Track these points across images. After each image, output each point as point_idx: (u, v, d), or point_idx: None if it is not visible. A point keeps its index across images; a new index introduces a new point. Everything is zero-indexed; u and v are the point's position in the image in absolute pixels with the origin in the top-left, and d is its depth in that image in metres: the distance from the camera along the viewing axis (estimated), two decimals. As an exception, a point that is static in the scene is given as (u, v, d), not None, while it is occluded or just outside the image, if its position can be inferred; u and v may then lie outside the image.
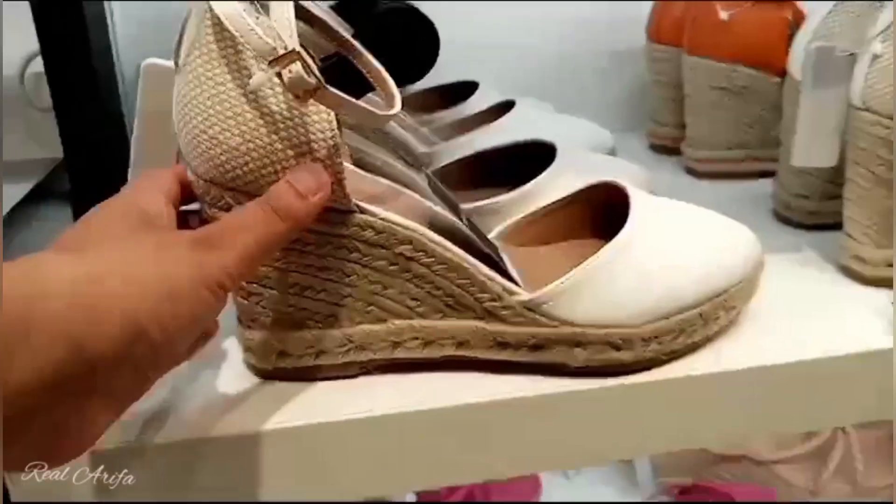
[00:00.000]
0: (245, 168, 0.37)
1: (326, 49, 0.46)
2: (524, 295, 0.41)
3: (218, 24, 0.36)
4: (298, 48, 0.33)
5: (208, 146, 0.38)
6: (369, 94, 0.43)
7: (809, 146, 0.55)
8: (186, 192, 0.40)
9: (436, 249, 0.40)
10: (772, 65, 0.71)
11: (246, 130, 0.36)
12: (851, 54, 0.51)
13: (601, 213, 0.49)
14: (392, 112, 0.38)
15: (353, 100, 0.35)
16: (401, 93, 0.46)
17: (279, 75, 0.34)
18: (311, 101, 0.36)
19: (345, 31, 0.43)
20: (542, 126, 0.69)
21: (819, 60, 0.52)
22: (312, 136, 0.37)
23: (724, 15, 0.72)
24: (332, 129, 0.37)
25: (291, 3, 0.35)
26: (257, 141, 0.37)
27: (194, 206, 0.40)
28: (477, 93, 0.77)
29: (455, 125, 0.74)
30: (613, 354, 0.41)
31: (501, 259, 0.43)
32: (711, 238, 0.45)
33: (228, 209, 0.38)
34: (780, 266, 0.52)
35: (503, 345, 0.42)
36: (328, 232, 0.40)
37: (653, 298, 0.41)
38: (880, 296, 0.50)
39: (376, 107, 0.38)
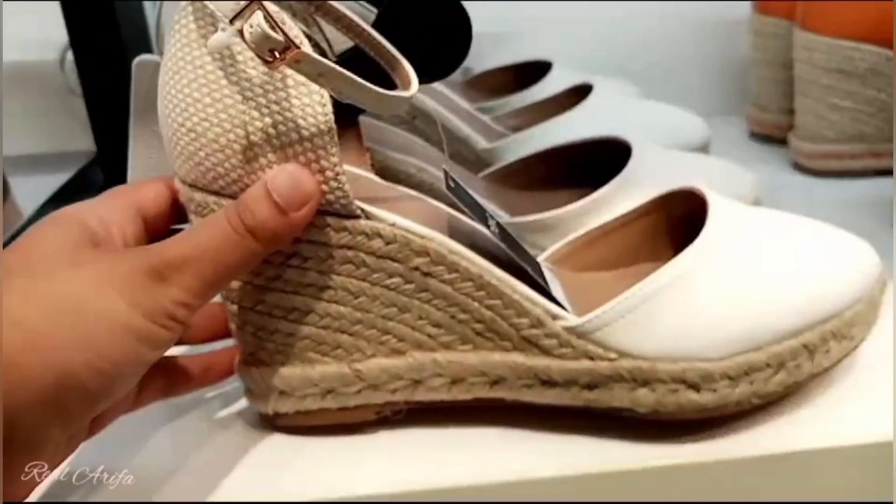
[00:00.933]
0: (227, 165, 0.31)
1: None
2: (572, 319, 0.32)
3: (195, -3, 0.30)
4: None
5: (187, 141, 0.31)
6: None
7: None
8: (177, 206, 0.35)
9: (458, 262, 0.32)
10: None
11: (225, 119, 0.30)
12: None
13: (682, 228, 0.40)
14: (406, 94, 0.31)
15: (341, 70, 0.28)
16: (467, 73, 0.38)
17: (242, 34, 0.28)
18: (292, 72, 0.29)
19: (359, 19, 0.36)
20: (623, 115, 0.60)
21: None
22: (301, 122, 0.30)
23: (845, -18, 0.61)
24: (326, 114, 0.30)
25: None
26: (237, 131, 0.30)
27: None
28: (551, 73, 0.69)
29: (525, 112, 0.66)
30: (691, 396, 0.32)
31: (542, 276, 0.34)
32: (815, 250, 0.35)
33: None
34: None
35: (548, 383, 0.33)
36: (328, 242, 0.32)
37: (739, 323, 0.32)
38: None
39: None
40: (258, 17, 0.27)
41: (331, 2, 0.35)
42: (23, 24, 0.69)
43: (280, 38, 0.27)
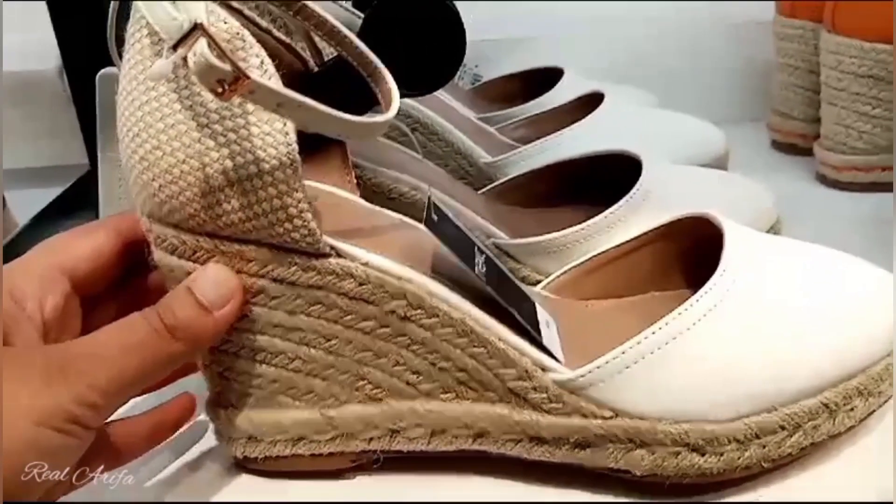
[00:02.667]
0: (182, 198, 0.28)
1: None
2: (563, 372, 0.29)
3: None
4: (203, 19, 0.23)
5: (140, 170, 0.29)
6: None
7: None
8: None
9: (439, 307, 0.29)
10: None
11: (178, 147, 0.27)
12: None
13: (693, 255, 0.36)
14: (381, 120, 0.28)
15: (303, 99, 0.25)
16: (475, 81, 0.35)
17: (186, 61, 0.24)
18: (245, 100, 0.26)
19: (341, 26, 0.33)
20: (635, 126, 0.57)
21: None
22: (261, 154, 0.27)
23: (878, -18, 0.57)
24: (289, 143, 0.27)
25: None
26: (192, 161, 0.27)
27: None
28: (562, 81, 0.65)
29: (533, 122, 0.63)
30: (694, 460, 0.29)
31: (535, 319, 0.31)
32: (840, 294, 0.31)
33: (174, 251, 0.29)
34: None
35: (536, 439, 0.30)
36: (295, 282, 0.29)
37: (752, 381, 0.29)
38: None
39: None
40: (202, 46, 0.23)
41: (309, 3, 0.32)
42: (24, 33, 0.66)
43: (227, 68, 0.23)
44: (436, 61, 0.37)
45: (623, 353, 0.28)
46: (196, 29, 0.23)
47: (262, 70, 0.26)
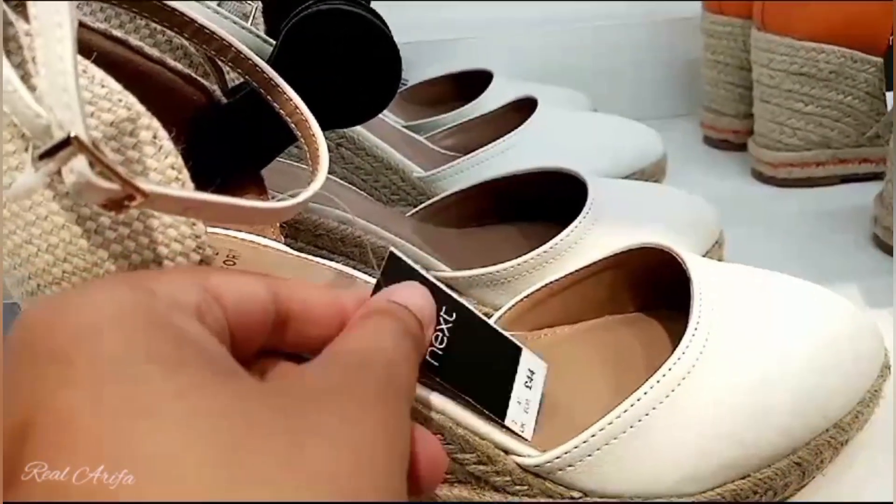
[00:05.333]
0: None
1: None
2: (529, 456, 0.27)
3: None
4: (80, 131, 0.18)
5: (10, 265, 0.24)
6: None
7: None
8: None
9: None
10: (872, 44, 0.55)
11: (57, 244, 0.23)
12: None
13: (645, 277, 0.36)
14: (298, 201, 0.24)
15: (213, 197, 0.20)
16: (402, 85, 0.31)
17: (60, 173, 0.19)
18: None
19: (253, 54, 0.29)
20: (571, 135, 0.55)
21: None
22: (163, 251, 0.23)
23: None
24: (197, 236, 0.23)
25: (69, 33, 0.19)
26: (76, 261, 0.23)
27: None
28: (492, 85, 0.63)
29: (465, 129, 0.60)
30: (665, 532, 0.27)
31: (507, 383, 0.28)
32: (814, 339, 0.30)
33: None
34: (891, 327, 0.35)
35: (500, 519, 0.28)
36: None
37: (722, 452, 0.27)
38: None
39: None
40: (80, 164, 0.18)
41: (207, 24, 0.27)
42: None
43: (116, 186, 0.18)
44: (366, 90, 0.34)
45: (592, 435, 0.26)
46: (67, 141, 0.18)
47: (157, 147, 0.22)
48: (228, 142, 0.31)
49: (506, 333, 0.29)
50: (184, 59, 0.33)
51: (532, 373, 0.29)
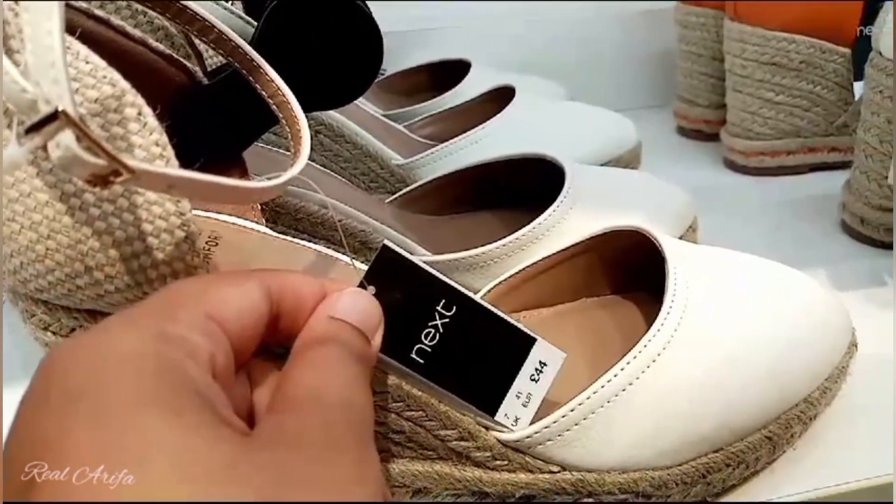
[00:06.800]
0: (51, 277, 0.24)
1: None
2: (508, 432, 0.27)
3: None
4: (68, 106, 0.18)
5: None
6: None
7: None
8: None
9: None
10: (841, 35, 0.56)
11: (40, 221, 0.23)
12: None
13: (621, 259, 0.36)
14: (282, 180, 0.24)
15: (198, 176, 0.21)
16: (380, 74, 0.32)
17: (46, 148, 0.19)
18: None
19: (236, 35, 0.29)
20: (548, 123, 0.56)
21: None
22: (147, 227, 0.23)
23: (778, -29, 0.57)
24: (182, 213, 0.24)
25: (57, 9, 0.19)
26: (59, 237, 0.23)
27: None
28: (470, 75, 0.63)
29: (443, 118, 0.61)
30: (641, 504, 0.28)
31: (511, 373, 0.28)
32: (784, 317, 0.31)
33: (47, 328, 0.26)
34: (859, 310, 0.35)
35: (480, 494, 0.28)
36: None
37: (698, 427, 0.28)
38: None
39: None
40: (67, 138, 0.18)
41: (189, 4, 0.28)
42: None
43: (102, 162, 0.19)
44: (348, 71, 0.34)
45: (571, 410, 0.27)
46: (54, 115, 0.18)
47: (142, 124, 0.22)
48: (211, 122, 0.31)
49: (519, 325, 0.28)
50: (165, 39, 0.33)
51: (543, 364, 0.28)
